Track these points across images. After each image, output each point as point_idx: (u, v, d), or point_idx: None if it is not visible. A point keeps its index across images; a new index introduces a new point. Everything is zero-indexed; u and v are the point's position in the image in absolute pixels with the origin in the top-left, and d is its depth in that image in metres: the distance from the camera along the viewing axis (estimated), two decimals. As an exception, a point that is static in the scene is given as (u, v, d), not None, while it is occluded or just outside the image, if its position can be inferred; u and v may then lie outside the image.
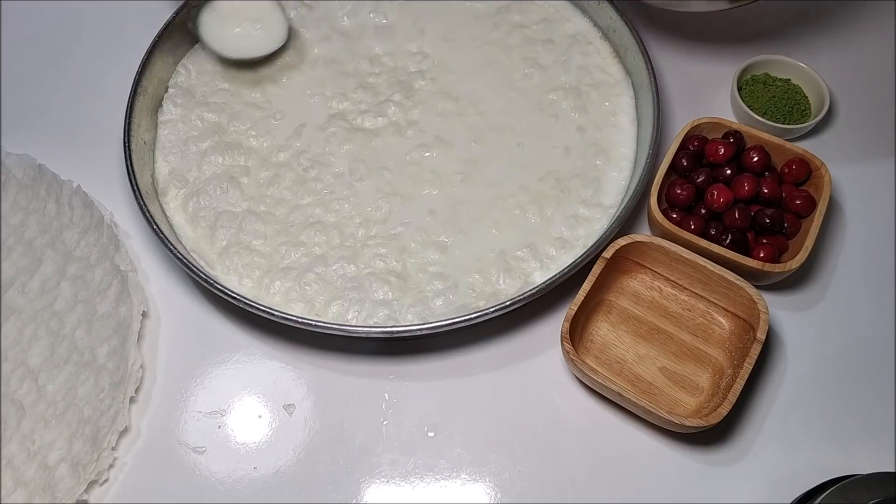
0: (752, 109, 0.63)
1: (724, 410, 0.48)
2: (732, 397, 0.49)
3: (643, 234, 0.55)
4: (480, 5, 0.70)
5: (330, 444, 0.53)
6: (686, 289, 0.56)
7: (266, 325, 0.56)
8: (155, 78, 0.65)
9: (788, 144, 0.59)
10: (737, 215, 0.56)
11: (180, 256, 0.55)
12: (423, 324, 0.53)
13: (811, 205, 0.57)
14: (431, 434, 0.53)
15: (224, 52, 0.65)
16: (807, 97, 0.65)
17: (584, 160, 0.62)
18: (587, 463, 0.52)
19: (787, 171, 0.59)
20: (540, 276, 0.56)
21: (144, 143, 0.62)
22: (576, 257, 0.54)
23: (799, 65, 0.65)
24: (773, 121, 0.63)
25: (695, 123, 0.60)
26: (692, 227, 0.56)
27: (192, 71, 0.67)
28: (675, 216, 0.58)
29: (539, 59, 0.67)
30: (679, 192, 0.58)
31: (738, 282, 0.52)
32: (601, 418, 0.53)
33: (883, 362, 0.55)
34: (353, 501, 0.51)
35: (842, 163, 0.61)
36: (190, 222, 0.60)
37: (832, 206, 0.60)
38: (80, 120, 0.68)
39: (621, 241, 0.54)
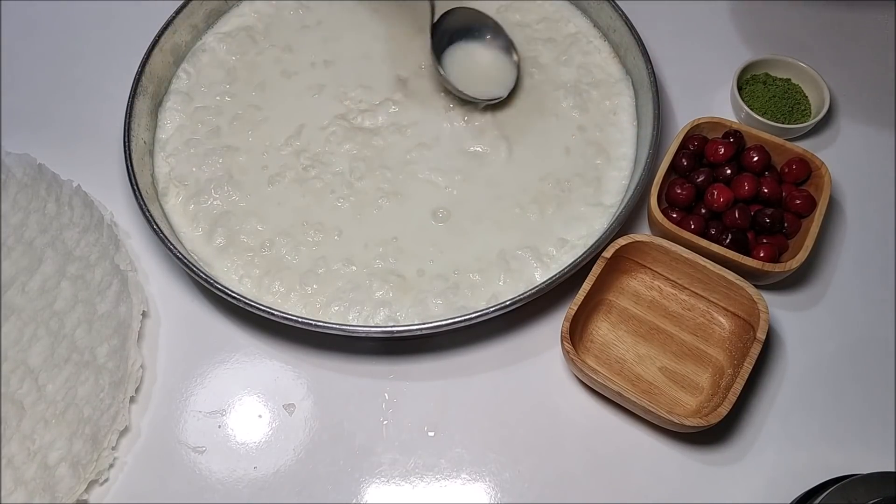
0: (752, 109, 0.63)
1: (724, 410, 0.48)
2: (732, 397, 0.49)
3: (643, 234, 0.55)
4: (480, 5, 0.70)
5: (330, 443, 0.53)
6: (686, 288, 0.56)
7: (266, 324, 0.56)
8: (155, 78, 0.65)
9: (788, 144, 0.59)
10: (737, 215, 0.56)
11: (180, 256, 0.55)
12: (423, 324, 0.53)
13: (811, 205, 0.57)
14: (431, 434, 0.53)
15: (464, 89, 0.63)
16: (807, 97, 0.65)
17: (584, 159, 0.62)
18: (587, 462, 0.52)
19: (787, 170, 0.59)
20: (540, 276, 0.56)
21: (144, 143, 0.62)
22: (576, 257, 0.54)
23: (799, 65, 0.65)
24: (773, 121, 0.63)
25: (695, 123, 0.60)
26: (692, 226, 0.56)
27: (193, 72, 0.67)
28: (675, 216, 0.58)
29: (539, 58, 0.67)
30: (679, 191, 0.58)
31: (738, 281, 0.52)
32: (601, 418, 0.53)
33: (883, 362, 0.55)
34: (353, 501, 0.51)
35: (842, 163, 0.61)
36: (190, 222, 0.60)
37: (832, 206, 0.60)
38: (80, 120, 0.68)
39: (621, 241, 0.54)
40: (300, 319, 0.53)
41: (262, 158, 0.63)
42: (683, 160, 0.59)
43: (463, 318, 0.52)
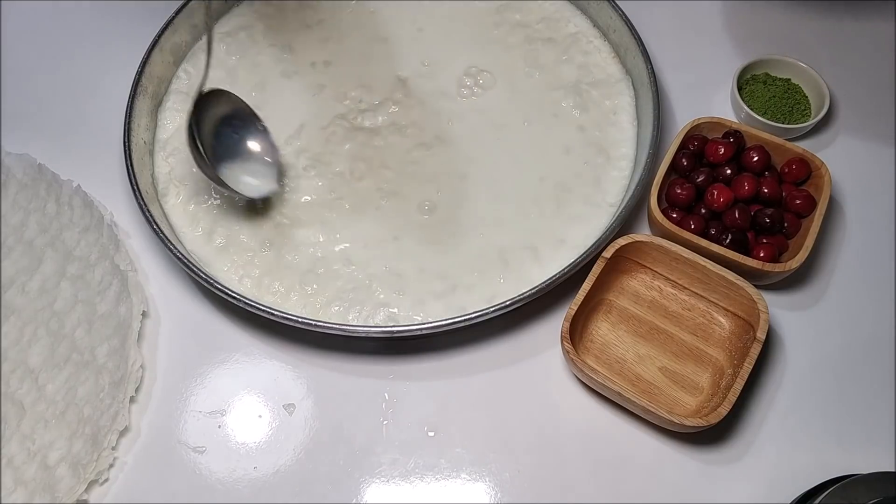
0: (752, 109, 0.63)
1: (724, 410, 0.48)
2: (732, 397, 0.49)
3: (643, 234, 0.55)
4: (480, 4, 0.70)
5: (330, 443, 0.53)
6: (686, 288, 0.56)
7: (266, 324, 0.56)
8: (155, 78, 0.65)
9: (788, 144, 0.59)
10: (737, 215, 0.56)
11: (180, 256, 0.55)
12: (423, 324, 0.53)
13: (811, 204, 0.57)
14: (431, 434, 0.53)
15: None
16: (807, 97, 0.65)
17: (584, 159, 0.62)
18: (587, 462, 0.52)
19: (787, 170, 0.59)
20: (540, 276, 0.56)
21: (144, 143, 0.62)
22: (576, 257, 0.54)
23: (799, 65, 0.65)
24: (773, 121, 0.63)
25: (695, 123, 0.60)
26: (692, 226, 0.56)
27: (193, 72, 0.67)
28: (675, 216, 0.58)
29: (539, 58, 0.67)
30: (679, 191, 0.58)
31: (738, 281, 0.52)
32: (601, 418, 0.53)
33: (883, 362, 0.55)
34: (353, 501, 0.51)
35: (842, 163, 0.61)
36: (190, 222, 0.60)
37: (832, 206, 0.60)
38: (80, 120, 0.68)
39: (621, 241, 0.54)
40: (300, 319, 0.53)
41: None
42: (683, 160, 0.59)
43: (463, 318, 0.52)
